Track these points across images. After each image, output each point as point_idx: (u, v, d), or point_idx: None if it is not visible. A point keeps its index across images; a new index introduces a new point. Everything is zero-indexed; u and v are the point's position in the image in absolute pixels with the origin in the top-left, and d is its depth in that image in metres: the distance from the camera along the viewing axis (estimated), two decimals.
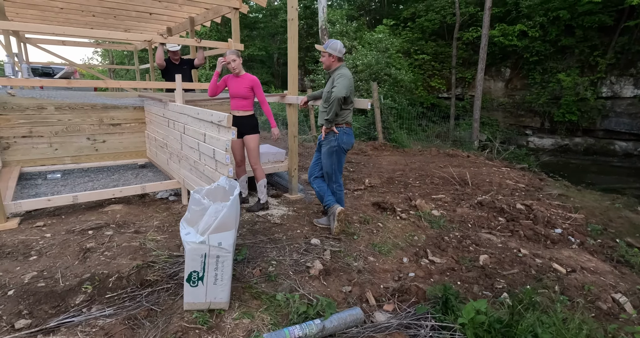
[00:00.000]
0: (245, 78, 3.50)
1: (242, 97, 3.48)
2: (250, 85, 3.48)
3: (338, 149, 3.10)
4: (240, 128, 3.41)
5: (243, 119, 3.52)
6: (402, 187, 5.11)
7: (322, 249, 2.85)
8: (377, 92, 8.14)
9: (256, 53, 19.11)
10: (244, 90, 3.46)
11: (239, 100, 3.50)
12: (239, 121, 3.43)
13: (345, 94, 2.91)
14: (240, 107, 3.52)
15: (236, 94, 3.47)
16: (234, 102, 3.53)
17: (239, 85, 3.46)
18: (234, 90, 3.48)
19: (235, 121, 3.30)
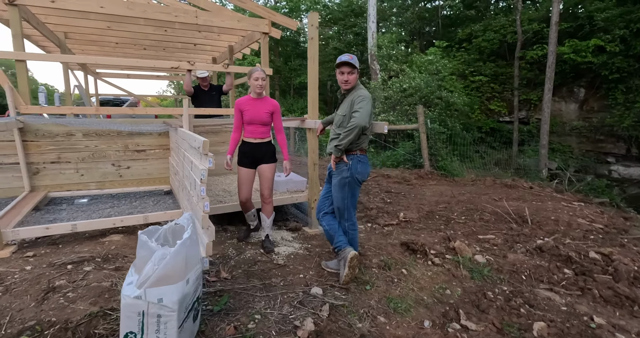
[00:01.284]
0: (267, 102, 3.12)
1: (261, 124, 3.09)
2: (271, 110, 3.11)
3: (351, 180, 2.63)
4: (257, 155, 3.13)
5: (261, 147, 3.15)
6: (443, 223, 4.40)
7: (321, 302, 2.34)
8: (423, 116, 7.52)
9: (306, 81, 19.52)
10: (264, 115, 3.07)
11: (258, 126, 3.09)
12: (255, 148, 3.12)
13: (367, 122, 2.49)
14: (258, 134, 3.12)
15: (255, 119, 3.06)
16: (251, 128, 3.10)
17: (260, 109, 3.06)
18: (252, 115, 3.05)
19: (250, 149, 3.12)
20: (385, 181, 7.09)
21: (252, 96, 3.09)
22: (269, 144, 3.21)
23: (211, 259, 2.93)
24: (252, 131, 3.11)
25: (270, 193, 3.23)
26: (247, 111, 3.06)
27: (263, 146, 3.16)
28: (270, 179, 3.21)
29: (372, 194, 5.96)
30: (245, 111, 3.06)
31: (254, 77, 2.97)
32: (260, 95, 3.09)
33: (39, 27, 4.92)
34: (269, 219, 3.27)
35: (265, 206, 3.25)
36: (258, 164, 3.18)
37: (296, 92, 20.93)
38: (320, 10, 20.04)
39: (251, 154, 3.13)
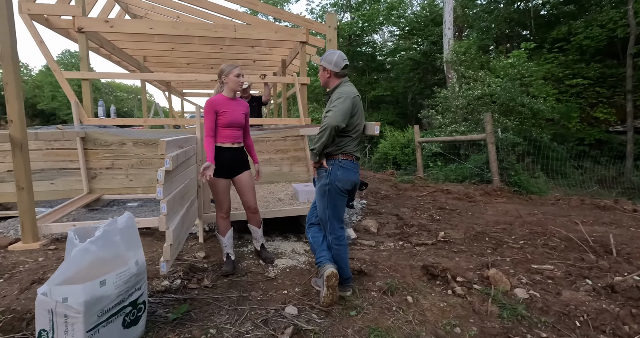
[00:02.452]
0: (241, 103, 2.82)
1: (240, 126, 2.77)
2: (246, 111, 2.82)
3: (330, 188, 2.32)
4: (237, 162, 2.79)
5: (241, 152, 2.82)
6: (492, 247, 3.69)
7: (288, 324, 2.06)
8: (492, 125, 6.63)
9: (381, 93, 19.12)
10: (242, 117, 2.76)
11: (236, 130, 2.75)
12: (234, 155, 2.76)
13: (341, 122, 2.20)
14: (237, 137, 2.77)
15: (235, 122, 2.71)
16: (228, 133, 2.71)
17: (238, 110, 2.74)
18: (232, 117, 2.68)
19: (231, 156, 2.74)
20: (444, 197, 6.37)
21: (226, 95, 2.72)
22: (243, 149, 2.89)
23: (192, 262, 2.87)
24: (230, 136, 2.72)
25: (256, 202, 2.93)
26: (225, 113, 2.67)
27: (242, 152, 2.84)
28: (254, 188, 2.91)
29: (421, 210, 5.38)
30: (222, 113, 2.67)
31: (234, 74, 2.63)
32: (235, 95, 2.78)
33: (115, 51, 5.71)
34: (260, 229, 3.00)
35: (254, 217, 2.93)
36: (237, 172, 2.80)
37: (370, 105, 20.66)
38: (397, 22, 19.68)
39: (231, 162, 2.75)
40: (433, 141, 8.93)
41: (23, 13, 4.06)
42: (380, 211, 5.22)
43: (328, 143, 2.23)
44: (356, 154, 2.37)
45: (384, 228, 4.41)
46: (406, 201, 6.08)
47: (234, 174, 2.79)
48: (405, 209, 5.38)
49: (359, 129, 2.35)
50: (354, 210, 5.11)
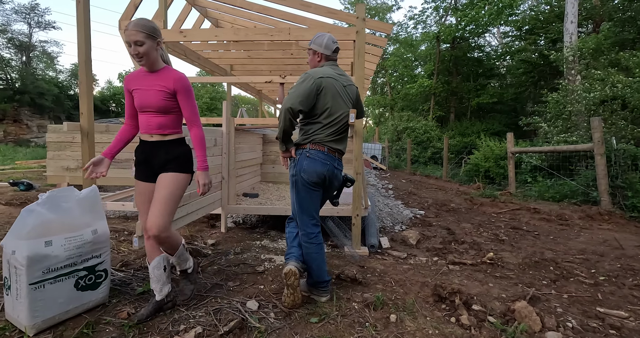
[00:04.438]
0: (164, 76, 1.88)
1: (156, 111, 1.88)
2: (170, 88, 1.86)
3: (298, 180, 2.13)
4: (154, 160, 1.94)
5: (160, 148, 1.93)
6: (551, 279, 2.91)
7: (236, 317, 1.96)
8: (601, 132, 5.30)
9: (487, 101, 17.25)
10: (158, 97, 1.86)
11: (152, 115, 1.90)
12: (151, 150, 1.94)
13: (296, 104, 2.01)
14: (154, 127, 1.91)
15: (145, 104, 1.87)
16: (143, 119, 1.92)
17: (151, 88, 1.87)
18: (142, 97, 1.88)
19: (145, 151, 1.96)
20: (527, 216, 5.34)
21: (145, 68, 1.92)
22: (175, 144, 1.97)
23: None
24: (144, 124, 1.93)
25: (163, 224, 1.84)
26: (136, 92, 1.90)
27: (163, 147, 1.93)
28: (166, 199, 1.85)
29: (487, 228, 4.61)
30: (134, 92, 1.91)
31: (125, 39, 1.82)
32: (152, 66, 1.88)
33: (200, 61, 6.46)
34: (174, 256, 2.05)
35: (160, 241, 1.91)
36: (155, 174, 1.96)
37: (473, 114, 18.83)
38: (509, 21, 17.62)
39: (146, 160, 1.97)
40: (528, 151, 7.61)
41: (122, 30, 4.93)
42: (433, 223, 4.65)
43: (287, 128, 2.07)
44: (330, 144, 2.14)
45: (426, 242, 3.91)
46: (475, 216, 5.29)
47: (152, 177, 1.97)
48: (467, 225, 4.68)
49: (334, 115, 2.13)
50: (400, 219, 4.67)
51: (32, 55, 27.09)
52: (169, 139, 1.96)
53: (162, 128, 1.93)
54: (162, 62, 1.95)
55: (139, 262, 2.59)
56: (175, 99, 1.91)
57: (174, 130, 1.98)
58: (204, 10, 6.69)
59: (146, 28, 1.80)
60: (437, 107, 19.58)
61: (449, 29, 17.74)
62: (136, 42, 1.77)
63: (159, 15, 4.93)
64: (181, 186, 1.95)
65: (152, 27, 1.83)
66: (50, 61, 28.76)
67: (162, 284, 1.97)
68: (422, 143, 16.31)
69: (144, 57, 1.81)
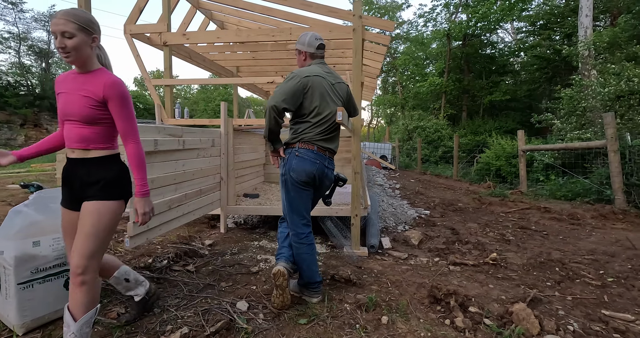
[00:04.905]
0: (95, 80, 1.52)
1: (79, 120, 1.51)
2: (99, 94, 1.50)
3: (287, 179, 2.11)
4: (76, 183, 1.55)
5: (82, 167, 1.54)
6: (555, 280, 2.81)
7: (224, 318, 1.95)
8: (614, 128, 5.11)
9: (500, 98, 16.90)
10: (81, 103, 1.50)
11: (75, 126, 1.53)
12: (71, 171, 1.56)
13: (280, 102, 1.99)
14: (75, 140, 1.53)
15: (68, 111, 1.52)
16: (66, 129, 1.56)
17: (76, 92, 1.51)
18: (64, 103, 1.54)
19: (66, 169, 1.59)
20: (537, 216, 5.19)
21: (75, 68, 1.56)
22: (101, 163, 1.56)
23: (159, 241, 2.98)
24: (67, 135, 1.56)
25: (85, 264, 1.44)
26: (61, 96, 1.56)
27: (84, 166, 1.54)
28: (87, 236, 1.46)
29: (493, 227, 4.50)
30: (59, 96, 1.57)
31: (51, 29, 1.47)
32: (83, 66, 1.53)
33: (206, 63, 6.53)
34: (76, 323, 1.44)
35: (74, 290, 1.46)
36: (79, 201, 1.56)
37: (486, 112, 18.46)
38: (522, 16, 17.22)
39: (67, 181, 1.59)
40: (539, 149, 7.40)
41: (126, 33, 5.03)
42: (437, 223, 4.56)
43: (272, 127, 2.05)
44: (319, 143, 2.11)
45: (428, 242, 3.83)
46: (482, 216, 5.17)
47: (76, 203, 1.57)
48: (473, 225, 4.58)
49: (322, 114, 2.10)
50: (404, 219, 4.60)
51: (51, 61, 27.89)
52: (93, 156, 1.54)
53: (84, 142, 1.52)
54: (97, 62, 1.57)
55: (134, 262, 2.62)
56: (104, 108, 1.52)
57: (101, 145, 1.55)
58: (209, 13, 6.76)
59: (79, 19, 1.46)
60: (448, 106, 19.30)
61: (459, 26, 17.46)
62: (63, 33, 1.43)
63: (163, 18, 5.00)
64: (107, 218, 1.51)
65: (88, 19, 1.49)
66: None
67: (135, 289, 1.93)
68: (433, 142, 16.10)
69: (71, 53, 1.46)
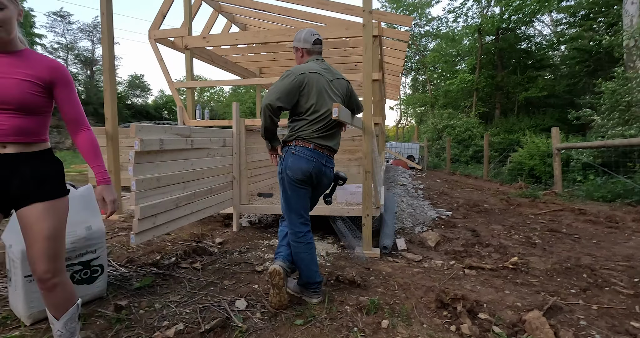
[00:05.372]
0: (32, 62, 1.35)
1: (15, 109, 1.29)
2: (44, 78, 1.34)
3: (284, 177, 2.08)
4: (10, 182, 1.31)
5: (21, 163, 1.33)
6: (581, 287, 2.60)
7: (220, 316, 1.96)
8: None
9: (536, 94, 16.02)
10: (21, 88, 1.29)
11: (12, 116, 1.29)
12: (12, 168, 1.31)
13: (274, 100, 1.95)
14: (9, 133, 1.29)
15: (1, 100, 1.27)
16: None
17: (9, 75, 1.28)
18: None
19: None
20: (571, 218, 4.85)
21: None
22: (45, 157, 1.39)
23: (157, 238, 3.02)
24: None
25: (54, 267, 1.34)
26: None
27: (28, 162, 1.34)
28: (52, 238, 1.33)
29: (519, 230, 4.25)
30: None
31: None
32: (8, 44, 1.32)
33: (228, 65, 6.66)
34: (58, 321, 1.42)
35: (47, 295, 1.38)
36: (15, 203, 1.34)
37: (521, 109, 17.56)
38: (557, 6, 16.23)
39: None
40: (575, 147, 6.92)
41: (151, 39, 5.23)
42: (458, 224, 4.37)
43: (268, 125, 2.02)
44: (317, 141, 2.07)
45: (446, 244, 3.68)
46: (509, 218, 4.90)
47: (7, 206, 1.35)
48: (497, 227, 4.34)
49: (319, 111, 2.05)
50: (423, 220, 4.44)
51: (95, 69, 29.70)
52: (36, 150, 1.35)
53: (24, 134, 1.31)
54: (19, 43, 1.36)
55: (144, 258, 2.69)
56: (46, 95, 1.35)
57: (42, 137, 1.37)
58: (231, 16, 6.90)
59: None
60: (480, 103, 18.56)
61: (491, 19, 16.74)
62: None
63: (185, 23, 5.16)
64: (63, 216, 1.39)
65: None
66: None
67: None
68: (464, 141, 15.53)
69: (2, 27, 1.25)
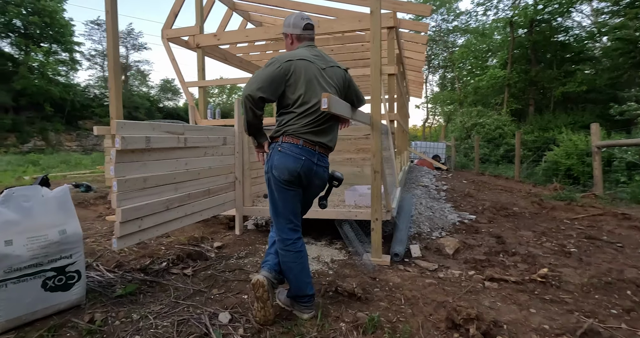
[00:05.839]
0: None
1: None
2: None
3: (270, 177, 1.86)
4: None
5: None
6: (625, 307, 2.22)
7: (199, 331, 1.76)
8: None
9: (575, 89, 14.94)
10: None
11: None
12: None
13: (255, 91, 1.73)
14: None
15: None
16: None
17: None
18: None
19: None
20: (612, 224, 4.34)
21: None
22: None
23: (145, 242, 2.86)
24: None
25: None
26: None
27: None
28: None
29: (552, 236, 3.82)
30: None
31: None
32: None
33: (243, 64, 6.56)
34: None
35: None
36: None
37: (558, 105, 16.46)
38: None
39: None
40: (617, 144, 6.27)
41: (163, 38, 5.19)
42: (481, 230, 3.99)
43: (250, 119, 1.80)
44: (307, 136, 1.83)
45: (466, 251, 3.34)
46: (540, 223, 4.45)
47: None
48: (526, 233, 3.93)
49: (309, 103, 1.81)
50: (441, 224, 4.09)
51: (128, 74, 30.98)
52: None
53: None
54: None
55: (134, 263, 2.57)
56: None
57: None
58: (246, 14, 6.80)
59: None
60: (512, 100, 17.59)
61: (524, 11, 15.81)
62: None
63: (197, 22, 5.09)
64: None
65: None
66: (143, 78, 32.61)
67: None
68: (494, 140, 14.74)
69: None
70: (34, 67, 21.08)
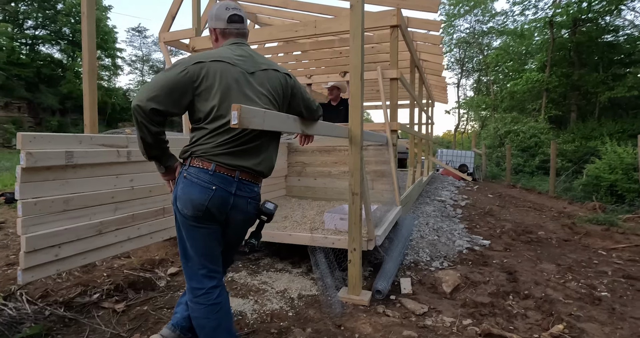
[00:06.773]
0: None
1: None
2: None
3: (175, 211, 1.46)
4: None
5: None
6: None
7: None
8: None
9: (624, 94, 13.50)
10: None
11: None
12: None
13: (144, 101, 1.32)
14: None
15: None
16: None
17: None
18: None
19: None
20: None
21: None
22: None
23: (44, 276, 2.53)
24: None
25: None
26: None
27: None
28: None
29: (580, 273, 3.17)
30: None
31: None
32: None
33: None
34: None
35: None
36: None
37: (604, 112, 14.97)
38: None
39: None
40: None
41: (161, 41, 5.00)
42: (493, 260, 3.39)
43: (144, 137, 1.38)
44: (221, 159, 1.41)
45: (467, 290, 2.78)
46: (569, 253, 3.77)
47: None
48: (548, 267, 3.30)
49: (226, 117, 1.39)
50: (445, 251, 3.53)
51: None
52: None
53: None
54: None
55: (63, 293, 2.27)
56: None
57: None
58: (253, 16, 6.54)
59: None
60: (551, 106, 16.23)
61: (566, 10, 14.55)
62: None
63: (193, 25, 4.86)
64: None
65: None
66: None
67: None
68: (529, 149, 13.60)
69: None
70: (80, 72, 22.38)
